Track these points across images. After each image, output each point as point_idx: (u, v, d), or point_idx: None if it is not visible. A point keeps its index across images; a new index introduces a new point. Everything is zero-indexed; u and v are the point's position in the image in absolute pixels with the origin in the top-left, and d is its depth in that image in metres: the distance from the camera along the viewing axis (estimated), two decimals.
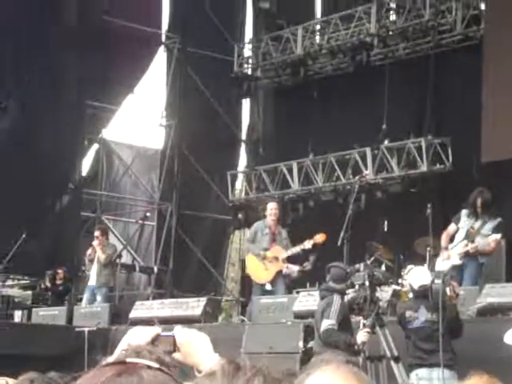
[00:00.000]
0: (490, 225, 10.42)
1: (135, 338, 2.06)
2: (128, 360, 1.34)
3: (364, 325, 8.28)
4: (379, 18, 16.09)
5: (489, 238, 10.22)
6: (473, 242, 10.42)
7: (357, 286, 8.48)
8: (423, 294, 8.38)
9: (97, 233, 13.76)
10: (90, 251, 13.89)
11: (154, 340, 2.01)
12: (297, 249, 11.79)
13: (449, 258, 10.44)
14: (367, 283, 8.38)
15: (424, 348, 8.28)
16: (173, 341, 2.00)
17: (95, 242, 13.61)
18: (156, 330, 2.15)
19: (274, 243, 11.95)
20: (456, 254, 10.41)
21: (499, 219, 10.47)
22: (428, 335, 8.27)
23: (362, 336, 8.20)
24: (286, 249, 11.87)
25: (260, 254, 11.83)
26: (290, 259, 12.20)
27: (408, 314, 8.46)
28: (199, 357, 2.18)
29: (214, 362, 2.35)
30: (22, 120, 16.56)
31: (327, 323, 8.23)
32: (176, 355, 2.06)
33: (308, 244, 11.72)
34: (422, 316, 8.38)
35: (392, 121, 15.82)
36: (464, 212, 10.62)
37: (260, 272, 11.87)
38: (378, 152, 15.52)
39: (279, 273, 11.79)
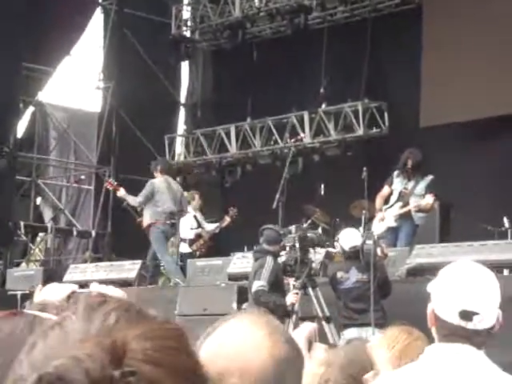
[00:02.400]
0: (422, 184, 10.55)
1: (50, 294, 2.03)
2: (25, 311, 1.31)
3: (294, 286, 8.35)
4: None
5: (426, 197, 10.34)
6: (407, 203, 10.53)
7: (287, 248, 8.53)
8: (354, 255, 8.47)
9: None
10: None
11: (70, 297, 1.97)
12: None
13: (383, 219, 10.56)
14: (297, 245, 8.44)
15: (355, 308, 8.39)
16: None
17: None
18: (72, 286, 2.11)
19: None
20: (391, 215, 10.54)
21: (431, 177, 10.60)
22: (359, 295, 8.38)
23: (291, 297, 8.27)
24: None
25: None
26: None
27: (339, 274, 8.56)
28: None
29: None
30: None
31: (258, 284, 8.28)
32: None
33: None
34: (353, 276, 8.49)
35: (330, 85, 15.84)
36: (396, 173, 10.74)
37: None
38: (315, 116, 15.56)
39: None
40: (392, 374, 2.98)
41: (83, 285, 2.24)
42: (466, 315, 2.70)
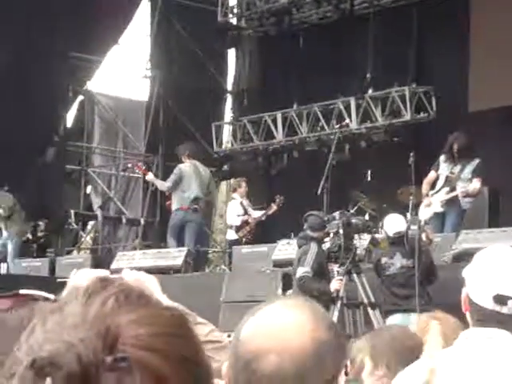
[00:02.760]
0: (469, 168, 10.38)
1: (81, 280, 2.05)
2: (21, 292, 1.32)
3: (338, 272, 8.31)
4: None
5: (473, 182, 10.20)
6: (454, 188, 10.38)
7: (331, 235, 8.49)
8: (398, 241, 8.40)
9: None
10: None
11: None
12: None
13: (430, 204, 10.43)
14: (341, 231, 8.39)
15: (400, 294, 8.32)
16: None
17: None
18: (103, 272, 2.13)
19: None
20: (438, 200, 10.40)
21: (478, 160, 10.41)
22: (403, 281, 8.32)
23: (335, 283, 8.24)
24: None
25: None
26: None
27: (383, 260, 8.50)
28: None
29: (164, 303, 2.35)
30: (6, 73, 16.41)
31: (302, 271, 8.27)
32: None
33: None
34: (397, 262, 8.42)
35: (376, 70, 15.70)
36: (442, 158, 10.60)
37: None
38: (362, 101, 15.44)
39: None
40: (426, 360, 2.96)
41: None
42: (501, 299, 2.66)
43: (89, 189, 18.58)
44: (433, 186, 10.71)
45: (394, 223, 8.54)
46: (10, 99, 16.09)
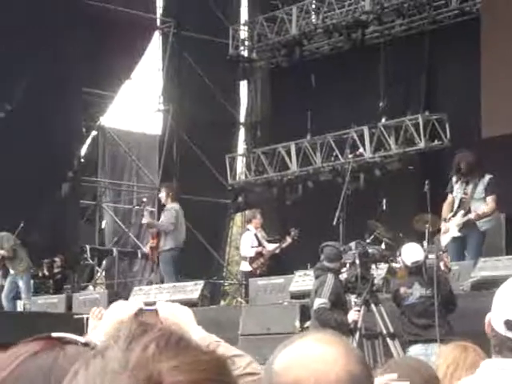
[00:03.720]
0: (481, 186, 10.19)
1: (117, 312, 2.04)
2: (53, 335, 1.31)
3: (355, 303, 8.23)
4: None
5: (486, 200, 10.05)
6: (469, 210, 10.21)
7: (348, 265, 8.42)
8: (417, 270, 8.32)
9: None
10: None
11: (137, 314, 1.97)
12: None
13: (447, 230, 10.30)
14: (358, 261, 8.32)
15: (419, 324, 8.23)
16: (155, 315, 1.96)
17: None
18: (138, 304, 2.12)
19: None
20: (455, 225, 10.24)
21: (489, 176, 10.19)
22: (423, 311, 8.22)
23: (353, 314, 8.15)
24: None
25: None
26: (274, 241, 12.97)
27: (402, 290, 8.41)
28: (183, 330, 2.14)
29: (198, 334, 2.32)
30: (21, 109, 16.51)
31: (319, 302, 8.19)
32: None
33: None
34: (416, 292, 8.33)
35: (389, 98, 15.72)
36: (454, 180, 10.45)
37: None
38: (375, 130, 15.44)
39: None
40: None
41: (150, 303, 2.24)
42: (510, 325, 2.60)
43: (103, 224, 18.60)
44: (452, 209, 10.56)
45: (411, 252, 8.46)
46: (23, 136, 16.18)
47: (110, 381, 0.95)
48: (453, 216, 10.32)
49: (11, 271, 13.34)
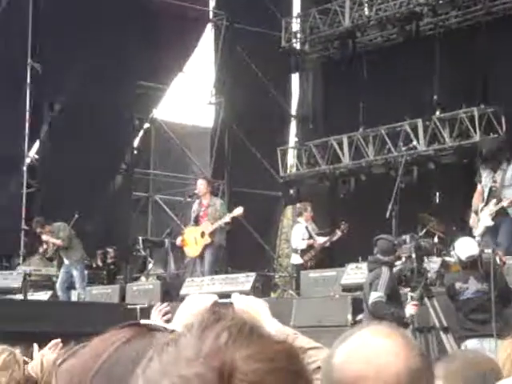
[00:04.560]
0: (510, 172, 9.93)
1: (193, 305, 2.06)
2: (142, 322, 1.33)
3: (412, 297, 8.15)
4: None
5: None
6: (500, 198, 9.96)
7: (403, 259, 8.35)
8: (472, 265, 8.21)
9: (38, 230, 13.60)
10: (42, 248, 13.80)
11: (212, 307, 1.99)
12: (219, 223, 12.18)
13: (479, 220, 10.08)
14: (414, 255, 8.25)
15: (476, 319, 8.12)
16: (231, 308, 1.97)
17: (44, 237, 13.53)
18: (213, 297, 2.14)
19: (204, 218, 12.18)
20: (487, 215, 10.01)
21: None
22: (479, 306, 8.11)
23: (410, 309, 8.08)
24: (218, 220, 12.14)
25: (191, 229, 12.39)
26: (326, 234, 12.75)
27: (457, 285, 8.30)
28: (258, 322, 2.15)
29: (274, 327, 2.31)
30: (75, 102, 16.70)
31: (375, 295, 8.13)
32: None
33: (228, 218, 12.16)
34: (472, 287, 8.22)
35: (443, 91, 15.54)
36: (481, 169, 10.23)
37: (191, 246, 12.46)
38: (429, 123, 15.27)
39: (205, 247, 12.29)
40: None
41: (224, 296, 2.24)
42: None
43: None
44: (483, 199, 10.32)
45: (466, 247, 8.34)
46: (77, 128, 16.36)
47: (183, 368, 0.96)
48: (484, 206, 10.07)
49: (65, 261, 13.50)
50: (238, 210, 12.25)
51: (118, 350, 1.21)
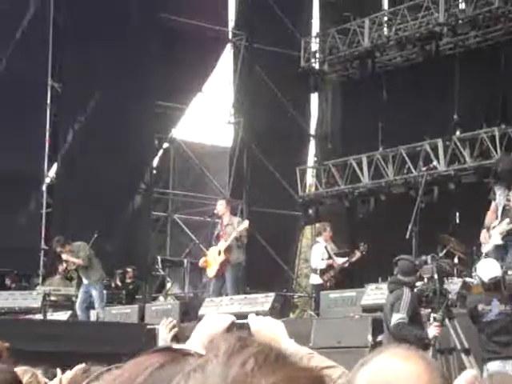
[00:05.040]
0: None
1: (210, 325, 2.05)
2: (174, 347, 1.32)
3: (434, 319, 8.07)
4: (448, 7, 15.78)
5: None
6: None
7: (425, 279, 8.27)
8: (494, 287, 8.12)
9: (58, 249, 13.53)
10: (62, 267, 13.71)
11: (229, 328, 1.98)
12: (230, 239, 12.15)
13: (489, 237, 9.95)
14: (436, 276, 8.18)
15: (499, 341, 8.04)
16: (247, 328, 1.95)
17: (64, 256, 13.48)
18: (230, 317, 2.13)
19: (223, 237, 12.15)
20: (498, 233, 9.89)
21: None
22: (502, 328, 8.03)
23: (433, 330, 8.00)
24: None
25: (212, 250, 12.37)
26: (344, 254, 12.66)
27: (480, 307, 8.21)
28: (275, 344, 2.14)
29: (291, 347, 2.29)
30: (95, 122, 16.78)
31: (398, 317, 8.05)
32: None
33: (235, 233, 12.15)
34: (495, 308, 8.13)
35: (463, 111, 15.50)
36: (495, 186, 10.12)
37: (211, 266, 12.45)
38: (449, 143, 15.22)
39: (223, 266, 12.16)
40: None
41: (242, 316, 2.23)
42: None
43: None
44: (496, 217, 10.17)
45: (488, 269, 8.26)
46: (97, 148, 16.42)
47: None
48: (498, 224, 9.95)
49: (85, 281, 13.50)
50: (244, 224, 12.25)
51: (152, 375, 1.20)
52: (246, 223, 12.26)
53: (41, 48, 16.43)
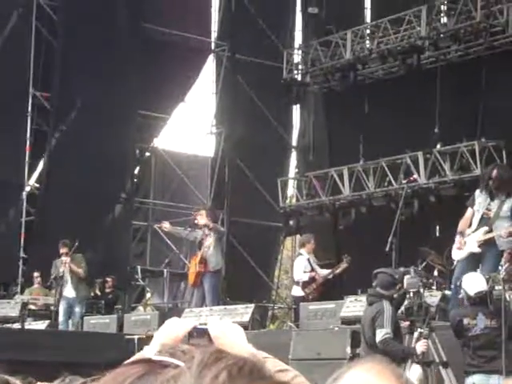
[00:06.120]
0: (508, 204, 9.59)
1: (172, 329, 2.05)
2: (153, 358, 1.31)
3: (421, 334, 8.05)
4: (430, 21, 15.87)
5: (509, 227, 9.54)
6: (491, 228, 9.68)
7: (411, 293, 8.25)
8: (480, 301, 8.12)
9: (64, 249, 13.37)
10: (57, 269, 13.35)
11: (190, 333, 1.98)
12: (203, 249, 12.20)
13: (464, 244, 9.83)
14: (422, 290, 8.17)
15: (484, 355, 8.03)
16: (207, 334, 1.96)
17: (65, 258, 13.30)
18: (192, 322, 2.12)
19: (201, 247, 12.15)
20: (475, 241, 9.77)
21: None
22: (487, 342, 8.01)
23: (421, 346, 7.99)
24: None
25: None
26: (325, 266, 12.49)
27: (466, 321, 8.19)
28: (234, 349, 2.13)
29: (247, 351, 2.29)
30: (76, 131, 16.74)
31: (383, 332, 8.03)
32: None
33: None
34: (480, 323, 8.12)
35: (444, 124, 15.57)
36: (477, 193, 9.93)
37: (191, 276, 12.52)
38: (430, 156, 15.29)
39: (198, 275, 12.20)
40: None
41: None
42: None
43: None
44: (470, 224, 10.06)
45: (474, 283, 8.23)
46: (78, 157, 16.37)
47: None
48: (473, 232, 9.83)
49: (71, 294, 13.25)
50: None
51: None
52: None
53: (22, 56, 16.38)
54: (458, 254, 9.76)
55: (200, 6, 18.92)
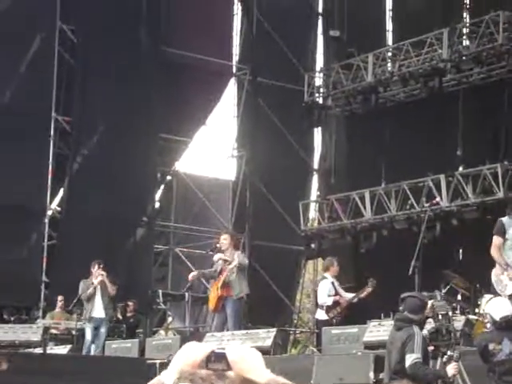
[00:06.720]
0: None
1: (190, 354, 2.01)
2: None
3: (451, 357, 7.94)
4: (451, 43, 15.83)
5: None
6: None
7: (440, 316, 8.16)
8: (506, 326, 8.01)
9: (98, 269, 13.15)
10: (86, 288, 13.15)
11: (208, 358, 1.94)
12: (225, 274, 11.76)
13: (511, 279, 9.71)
14: (450, 313, 8.09)
15: (509, 381, 7.91)
16: (225, 358, 1.92)
17: (101, 272, 13.15)
18: (210, 346, 2.08)
19: (224, 271, 11.94)
20: None
21: None
22: None
23: (452, 369, 7.88)
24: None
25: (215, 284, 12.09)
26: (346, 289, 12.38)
27: (491, 346, 8.09)
28: (252, 374, 2.10)
29: (266, 377, 2.25)
30: (98, 154, 16.80)
31: (414, 357, 7.92)
32: (230, 373, 1.99)
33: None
34: (506, 348, 8.01)
35: (467, 147, 15.50)
36: (506, 220, 9.81)
37: (211, 301, 12.11)
38: (452, 179, 15.20)
39: (219, 300, 11.83)
40: None
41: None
42: None
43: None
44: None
45: (500, 307, 8.13)
46: (100, 181, 16.41)
47: None
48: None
49: (99, 314, 13.15)
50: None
51: None
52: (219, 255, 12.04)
53: (45, 81, 16.49)
54: (507, 289, 9.51)
55: (221, 30, 19.00)
